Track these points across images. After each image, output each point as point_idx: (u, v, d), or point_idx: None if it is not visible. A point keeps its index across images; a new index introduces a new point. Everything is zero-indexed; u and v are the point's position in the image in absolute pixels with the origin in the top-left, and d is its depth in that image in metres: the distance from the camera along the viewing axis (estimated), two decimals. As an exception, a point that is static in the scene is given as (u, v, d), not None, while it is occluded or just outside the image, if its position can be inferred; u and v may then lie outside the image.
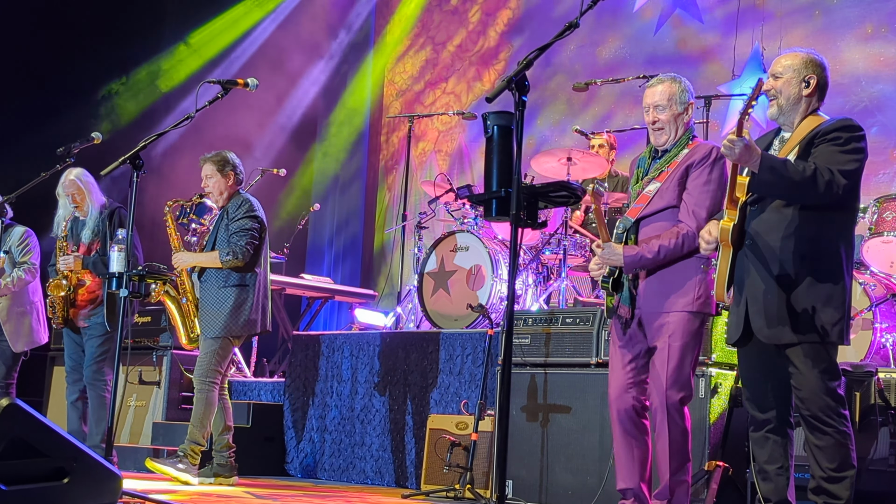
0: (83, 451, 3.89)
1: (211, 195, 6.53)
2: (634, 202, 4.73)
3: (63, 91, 9.67)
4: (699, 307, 4.58)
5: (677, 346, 4.55)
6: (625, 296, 4.67)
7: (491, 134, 3.42)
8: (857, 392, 4.97)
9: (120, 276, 4.53)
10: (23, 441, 3.71)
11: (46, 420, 3.84)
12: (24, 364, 8.76)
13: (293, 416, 7.69)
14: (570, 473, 5.72)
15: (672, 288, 4.59)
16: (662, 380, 4.55)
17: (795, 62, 4.32)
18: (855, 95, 8.58)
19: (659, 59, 9.64)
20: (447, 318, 7.38)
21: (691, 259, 4.60)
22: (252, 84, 4.82)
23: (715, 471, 5.02)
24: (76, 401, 6.82)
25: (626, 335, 4.69)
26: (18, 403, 3.73)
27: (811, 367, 4.13)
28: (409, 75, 11.70)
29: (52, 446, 3.79)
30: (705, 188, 4.59)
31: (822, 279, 4.15)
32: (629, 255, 4.55)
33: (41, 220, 7.60)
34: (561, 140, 9.93)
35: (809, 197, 4.12)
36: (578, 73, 9.95)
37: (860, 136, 4.20)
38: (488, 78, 10.98)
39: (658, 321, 4.60)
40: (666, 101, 4.68)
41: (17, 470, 3.67)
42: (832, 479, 4.14)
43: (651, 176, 4.71)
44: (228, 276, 6.31)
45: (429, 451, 6.45)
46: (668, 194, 4.63)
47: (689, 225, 4.56)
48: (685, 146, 4.68)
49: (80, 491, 3.85)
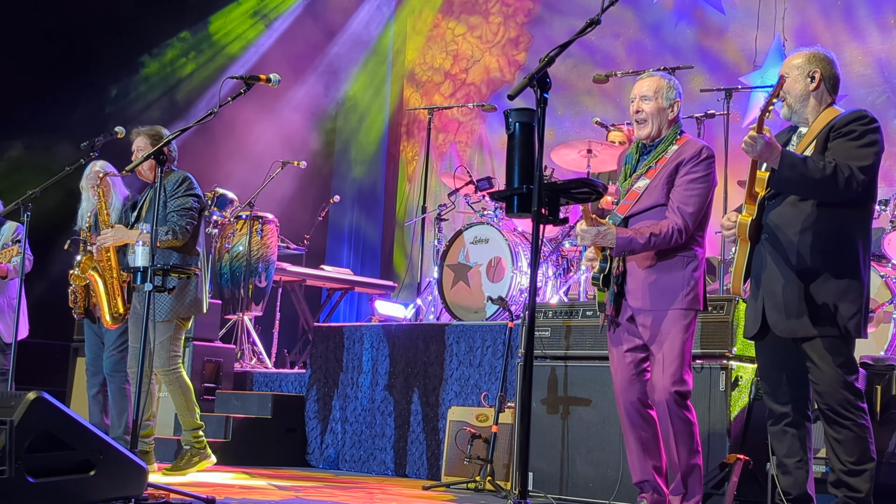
0: (109, 444, 3.96)
1: (140, 169, 6.26)
2: (624, 199, 4.74)
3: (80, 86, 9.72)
4: (689, 304, 4.62)
5: (670, 344, 4.59)
6: (610, 294, 4.70)
7: (513, 131, 3.44)
8: (879, 385, 4.98)
9: (145, 270, 4.58)
10: (50, 434, 3.78)
11: (73, 413, 3.91)
12: (48, 354, 8.88)
13: (315, 407, 7.76)
14: (590, 466, 5.76)
15: (663, 286, 4.62)
16: (659, 377, 4.60)
17: (799, 60, 4.38)
18: (878, 86, 8.57)
19: (680, 49, 9.65)
20: (467, 310, 7.42)
21: (681, 257, 4.63)
22: (274, 80, 4.86)
23: (735, 464, 5.03)
24: (97, 394, 6.86)
25: (616, 332, 4.75)
26: (45, 397, 3.80)
27: (828, 361, 4.16)
28: (429, 66, 11.73)
29: (79, 439, 3.87)
30: (693, 186, 4.61)
31: (839, 273, 4.18)
32: (622, 237, 4.55)
33: (61, 213, 7.71)
34: (581, 131, 9.94)
35: (829, 194, 4.15)
36: (599, 64, 9.96)
37: (875, 127, 4.22)
38: (508, 69, 10.99)
39: (650, 319, 4.63)
40: (652, 94, 4.69)
41: (44, 462, 3.75)
42: (852, 473, 4.17)
43: (640, 172, 4.73)
44: (169, 256, 6.11)
45: (449, 443, 6.50)
46: (657, 192, 4.65)
47: (677, 221, 4.58)
48: (673, 142, 4.70)
49: (106, 483, 3.93)
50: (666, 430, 4.63)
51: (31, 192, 5.71)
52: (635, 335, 4.69)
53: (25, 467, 3.68)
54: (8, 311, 7.06)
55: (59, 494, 3.78)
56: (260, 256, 8.62)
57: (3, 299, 7.11)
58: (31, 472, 3.70)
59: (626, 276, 4.68)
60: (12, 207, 6.43)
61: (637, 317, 4.66)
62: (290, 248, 9.33)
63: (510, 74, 10.96)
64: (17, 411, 3.71)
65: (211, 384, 8.04)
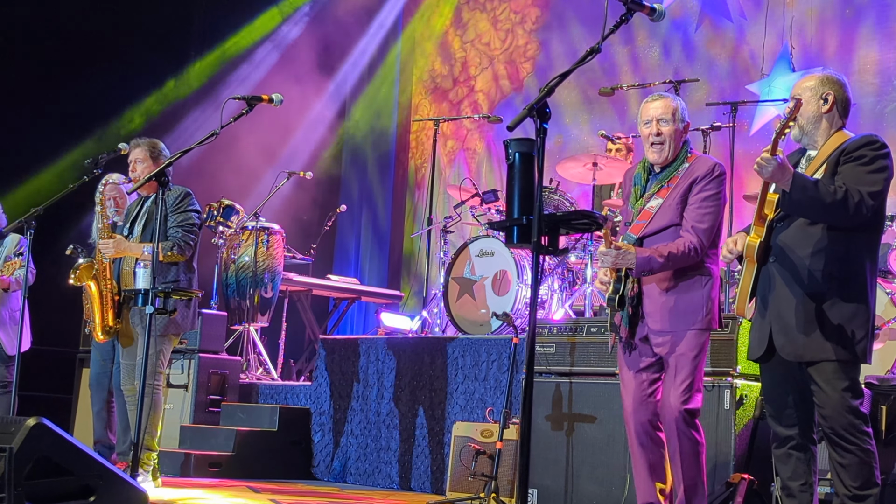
0: (109, 470, 3.96)
1: (135, 180, 6.16)
2: (637, 219, 4.71)
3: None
4: (706, 324, 4.61)
5: (684, 363, 4.58)
6: (624, 316, 4.68)
7: (512, 160, 3.43)
8: (884, 406, 4.96)
9: (146, 292, 4.57)
10: (49, 460, 3.78)
11: (72, 439, 3.92)
12: (55, 363, 8.89)
13: (320, 420, 7.75)
14: (595, 483, 5.74)
15: (681, 307, 4.59)
16: (670, 396, 4.59)
17: (812, 82, 4.35)
18: (886, 95, 8.53)
19: (688, 57, 9.63)
20: (472, 324, 7.40)
21: (695, 277, 4.61)
22: (277, 100, 4.85)
23: (740, 483, 5.02)
24: (100, 410, 6.85)
25: (629, 353, 4.73)
26: (45, 423, 3.80)
27: (834, 386, 4.14)
28: (438, 73, 11.71)
29: (79, 465, 3.87)
30: (706, 203, 4.58)
31: (847, 298, 4.16)
32: (641, 257, 4.52)
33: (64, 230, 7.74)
34: (589, 139, 9.93)
35: (839, 219, 4.13)
36: (607, 72, 9.94)
37: (885, 153, 4.21)
38: (516, 76, 10.97)
39: (665, 339, 4.62)
40: (670, 116, 4.66)
41: (44, 489, 3.75)
42: (856, 498, 4.16)
43: (652, 192, 4.69)
44: (168, 272, 6.02)
45: (454, 459, 6.48)
46: (671, 211, 4.63)
47: (692, 240, 4.55)
48: (685, 160, 4.68)
49: (107, 508, 3.92)
50: (673, 448, 4.62)
51: (34, 210, 5.72)
52: (648, 355, 4.68)
53: (25, 494, 3.68)
54: (10, 322, 7.06)
55: (59, 520, 3.78)
56: (266, 267, 8.63)
57: (6, 311, 7.11)
58: (30, 499, 3.70)
59: (642, 297, 4.66)
60: (15, 225, 6.45)
61: (652, 337, 4.65)
62: (296, 258, 9.33)
63: (518, 82, 10.94)
64: (17, 438, 3.71)
65: (216, 396, 8.03)
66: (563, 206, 7.32)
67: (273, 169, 9.49)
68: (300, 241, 9.74)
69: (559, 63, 10.42)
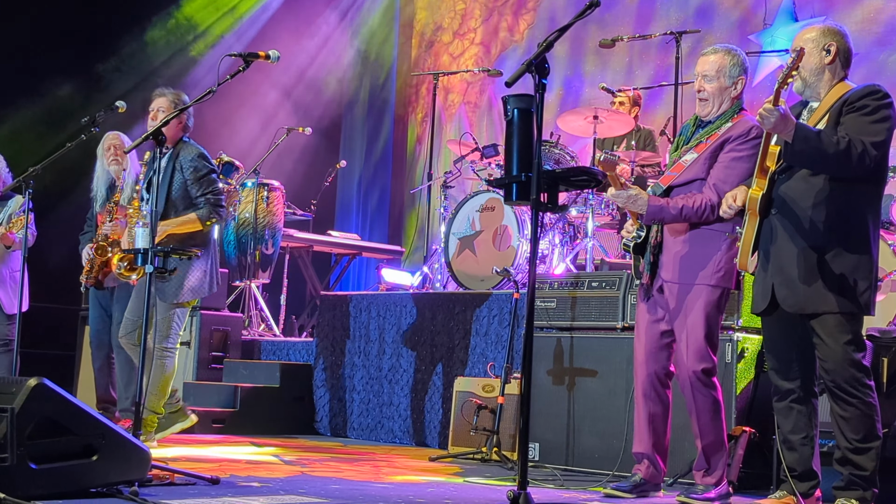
0: (111, 429, 3.97)
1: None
2: (670, 170, 4.76)
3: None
4: (718, 281, 4.60)
5: (698, 319, 4.58)
6: (647, 262, 4.71)
7: (511, 117, 3.40)
8: (885, 358, 4.94)
9: (145, 251, 4.55)
10: (51, 420, 3.78)
11: (74, 398, 3.91)
12: (58, 320, 8.90)
13: (322, 375, 7.77)
14: (596, 437, 5.76)
15: (695, 260, 4.61)
16: (684, 353, 4.60)
17: (814, 34, 4.31)
18: (891, 45, 8.46)
19: (691, 7, 9.54)
20: (473, 279, 7.39)
21: (716, 232, 4.60)
22: (273, 56, 4.79)
23: (741, 436, 5.02)
24: (101, 367, 6.88)
25: (649, 300, 4.75)
26: (46, 383, 3.80)
27: (836, 338, 4.14)
28: (437, 25, 11.61)
29: (81, 424, 3.87)
30: (734, 164, 4.58)
31: (850, 250, 4.14)
32: (653, 205, 4.57)
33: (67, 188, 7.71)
34: (591, 92, 9.85)
35: (841, 169, 4.10)
36: (609, 23, 9.84)
37: (888, 102, 4.17)
38: (517, 28, 10.87)
39: (679, 292, 4.63)
40: (714, 73, 4.65)
41: (46, 449, 3.75)
42: (858, 451, 4.16)
43: (691, 145, 4.72)
44: (193, 236, 5.94)
45: (455, 414, 6.50)
46: (699, 166, 4.64)
47: (711, 197, 4.56)
48: (729, 120, 4.67)
49: (109, 467, 3.93)
50: (690, 406, 4.65)
51: (32, 169, 5.69)
52: (661, 306, 4.70)
53: (27, 454, 3.68)
54: (10, 282, 7.05)
55: (62, 480, 3.78)
56: (266, 223, 8.60)
57: (6, 270, 7.09)
58: (33, 459, 3.70)
59: (662, 246, 4.68)
60: (15, 184, 6.43)
61: (665, 288, 4.66)
62: (296, 214, 9.30)
63: (519, 34, 10.84)
64: (18, 398, 3.71)
65: (219, 353, 8.05)
66: (563, 160, 7.27)
67: (273, 125, 9.42)
68: (300, 196, 9.68)
69: (560, 15, 10.32)
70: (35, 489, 3.66)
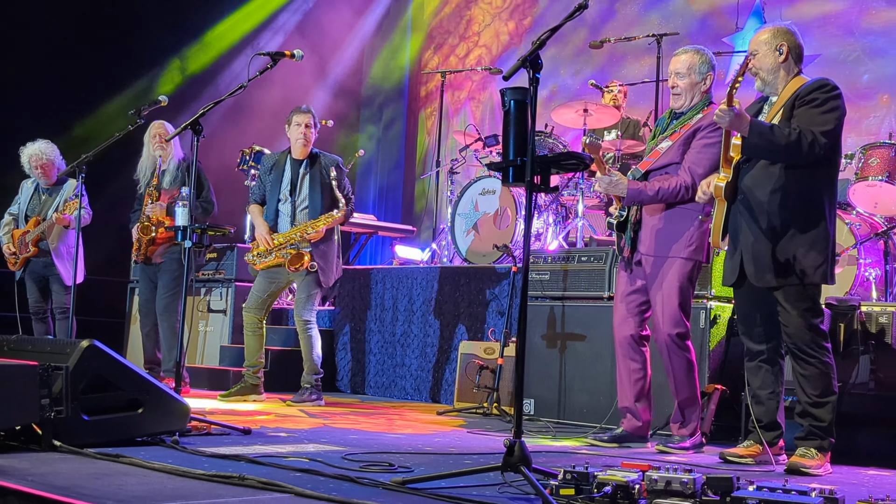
0: (154, 385, 3.97)
1: (305, 144, 6.29)
2: (647, 156, 4.79)
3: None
4: (691, 254, 4.62)
5: (671, 289, 4.60)
6: (627, 237, 4.70)
7: (508, 108, 3.38)
8: (842, 323, 4.93)
9: (184, 229, 4.55)
10: (101, 377, 3.79)
11: (121, 358, 3.92)
12: (110, 290, 8.91)
13: (343, 340, 7.79)
14: (585, 394, 5.77)
15: (670, 235, 4.63)
16: (660, 318, 4.62)
17: (766, 36, 4.33)
18: (849, 45, 8.40)
19: (670, 13, 9.48)
20: (476, 255, 7.39)
21: (689, 210, 4.62)
22: (298, 55, 4.77)
23: (714, 393, 5.03)
24: (149, 332, 6.90)
25: (628, 272, 4.78)
26: (97, 344, 3.81)
27: (796, 307, 4.17)
28: (445, 29, 11.56)
29: (127, 381, 3.88)
30: (705, 150, 4.61)
31: (806, 228, 4.16)
32: (632, 189, 4.62)
33: (114, 177, 7.68)
34: (583, 88, 9.81)
35: (795, 158, 4.12)
36: (598, 27, 9.80)
37: (836, 94, 4.16)
38: (517, 32, 10.81)
39: (655, 264, 4.66)
40: (685, 70, 4.67)
41: (96, 402, 3.76)
42: (816, 405, 4.18)
43: (666, 134, 4.75)
44: (335, 228, 6.43)
45: (460, 373, 6.51)
46: (674, 152, 4.68)
47: (686, 179, 4.56)
48: (700, 111, 4.70)
49: (153, 419, 3.94)
50: (667, 367, 4.68)
51: (84, 156, 5.67)
52: (640, 277, 4.72)
53: (81, 407, 3.70)
54: (67, 256, 7.06)
55: (111, 430, 3.80)
56: (294, 205, 8.56)
57: (63, 247, 7.11)
58: (85, 411, 3.72)
59: (641, 223, 4.70)
60: (69, 170, 6.42)
61: (643, 261, 4.68)
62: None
63: (517, 37, 10.79)
64: (72, 358, 3.72)
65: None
66: (556, 148, 7.26)
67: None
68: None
69: (557, 17, 10.24)
70: (87, 438, 3.67)
